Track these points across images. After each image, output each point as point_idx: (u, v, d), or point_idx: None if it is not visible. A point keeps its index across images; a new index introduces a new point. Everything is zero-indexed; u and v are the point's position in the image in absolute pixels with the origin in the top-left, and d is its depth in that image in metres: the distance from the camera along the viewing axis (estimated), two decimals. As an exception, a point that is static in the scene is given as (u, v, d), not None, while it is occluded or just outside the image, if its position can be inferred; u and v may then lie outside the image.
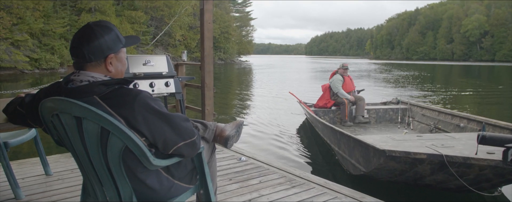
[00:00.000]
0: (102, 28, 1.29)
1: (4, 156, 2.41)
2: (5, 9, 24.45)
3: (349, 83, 6.98)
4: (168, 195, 1.46)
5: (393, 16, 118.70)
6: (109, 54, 1.31)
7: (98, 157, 1.32)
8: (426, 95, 13.63)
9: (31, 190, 2.59)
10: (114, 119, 1.22)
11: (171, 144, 1.33)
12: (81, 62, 1.29)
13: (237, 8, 71.06)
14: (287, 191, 2.63)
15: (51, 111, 1.31)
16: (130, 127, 1.23)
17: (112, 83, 1.26)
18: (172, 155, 1.42)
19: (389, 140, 3.69)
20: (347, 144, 4.15)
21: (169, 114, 1.31)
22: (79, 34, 1.29)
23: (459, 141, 3.60)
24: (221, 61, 55.57)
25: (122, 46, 1.36)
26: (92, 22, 1.31)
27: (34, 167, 3.07)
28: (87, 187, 1.50)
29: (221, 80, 22.16)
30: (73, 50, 1.30)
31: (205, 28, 3.52)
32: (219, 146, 3.77)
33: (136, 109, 1.22)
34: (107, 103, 1.22)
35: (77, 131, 1.28)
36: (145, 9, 38.83)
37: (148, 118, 1.24)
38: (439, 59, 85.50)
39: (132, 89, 1.26)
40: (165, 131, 1.29)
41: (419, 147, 3.28)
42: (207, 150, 1.77)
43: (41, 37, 27.66)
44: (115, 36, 1.33)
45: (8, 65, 24.24)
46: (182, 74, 4.14)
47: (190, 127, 1.40)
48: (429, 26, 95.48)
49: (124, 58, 1.40)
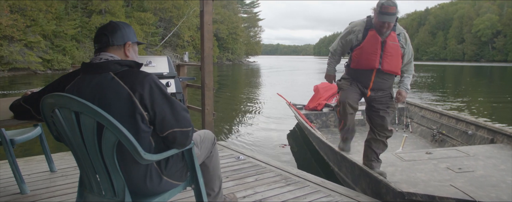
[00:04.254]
0: (123, 23, 1.58)
1: (11, 153, 2.52)
2: (20, 12, 24.98)
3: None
4: (158, 189, 1.55)
5: (402, 16, 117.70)
6: (128, 41, 1.55)
7: (94, 150, 1.42)
8: (435, 96, 13.54)
9: (36, 186, 2.71)
10: (106, 115, 1.32)
11: (168, 126, 1.45)
12: (104, 46, 1.51)
13: (245, 9, 71.29)
14: (282, 188, 2.70)
15: (52, 107, 1.42)
16: (139, 101, 1.38)
17: (126, 63, 1.47)
18: (163, 149, 1.52)
19: (397, 161, 3.38)
20: (351, 170, 3.52)
21: (173, 99, 1.47)
22: (104, 26, 1.55)
23: (477, 160, 3.33)
24: (229, 61, 55.80)
25: (136, 41, 1.60)
26: (113, 21, 1.58)
27: (40, 164, 3.20)
28: (84, 180, 1.59)
29: (228, 80, 22.28)
30: (97, 37, 1.52)
31: (205, 29, 3.62)
32: (218, 144, 3.86)
33: (146, 85, 1.39)
34: (121, 79, 1.40)
35: (75, 125, 1.39)
36: (154, 10, 39.23)
37: (154, 95, 1.40)
38: (450, 59, 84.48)
39: (142, 71, 1.47)
40: (165, 112, 1.43)
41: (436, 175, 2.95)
42: (207, 144, 1.87)
43: (53, 38, 28.15)
44: (133, 31, 1.60)
45: (21, 65, 24.76)
46: (183, 74, 4.23)
47: (188, 118, 1.51)
48: (439, 26, 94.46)
49: (137, 51, 1.63)
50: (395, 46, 2.74)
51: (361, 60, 2.79)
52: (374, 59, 2.73)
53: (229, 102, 12.05)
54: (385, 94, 2.90)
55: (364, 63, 2.79)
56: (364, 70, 2.83)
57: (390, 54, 2.74)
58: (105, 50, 1.50)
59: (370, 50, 2.73)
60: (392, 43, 2.72)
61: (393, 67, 2.78)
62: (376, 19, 2.65)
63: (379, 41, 2.71)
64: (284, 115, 8.88)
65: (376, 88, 2.87)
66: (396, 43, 2.75)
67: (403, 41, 2.82)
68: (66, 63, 27.97)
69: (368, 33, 2.74)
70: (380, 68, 2.75)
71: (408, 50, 2.87)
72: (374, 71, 2.80)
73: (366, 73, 2.83)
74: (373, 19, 2.75)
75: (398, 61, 2.80)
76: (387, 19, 2.57)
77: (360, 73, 2.86)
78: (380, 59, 2.73)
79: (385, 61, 2.74)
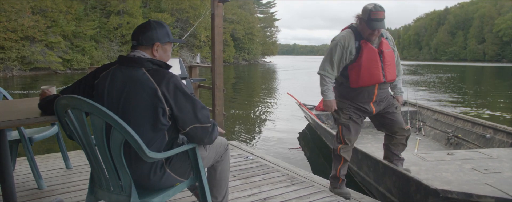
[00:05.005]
0: (157, 24, 1.70)
1: (29, 150, 2.66)
2: (41, 13, 25.75)
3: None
4: (161, 182, 1.64)
5: (421, 16, 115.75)
6: (156, 42, 1.67)
7: (103, 149, 1.52)
8: (454, 97, 13.32)
9: (52, 182, 2.85)
10: (114, 115, 1.42)
11: (189, 122, 1.60)
12: (137, 44, 1.67)
13: (261, 9, 71.36)
14: (287, 188, 2.76)
15: (65, 107, 1.53)
16: (163, 97, 1.53)
17: (157, 63, 1.63)
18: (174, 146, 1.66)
19: (419, 161, 3.29)
20: (374, 168, 3.41)
21: (194, 98, 1.62)
22: (140, 25, 1.70)
23: (501, 162, 3.21)
24: (245, 62, 55.99)
25: (168, 41, 1.72)
26: (152, 20, 1.71)
27: (57, 161, 3.35)
28: (94, 176, 1.70)
29: (244, 80, 22.41)
30: (133, 35, 1.69)
31: (216, 32, 3.71)
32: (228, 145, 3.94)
33: (171, 84, 1.55)
34: (151, 75, 1.56)
35: (86, 125, 1.51)
36: (171, 11, 39.73)
37: (177, 94, 1.56)
38: (470, 59, 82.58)
39: (169, 72, 1.64)
40: (187, 110, 1.58)
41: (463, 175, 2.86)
42: (218, 149, 1.94)
43: (73, 39, 28.89)
44: (165, 32, 1.71)
45: (42, 65, 25.53)
46: (195, 75, 4.34)
47: (208, 115, 1.66)
48: (459, 25, 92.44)
49: (169, 50, 1.76)
50: (390, 53, 2.57)
51: (363, 76, 2.52)
52: (378, 73, 2.51)
53: (243, 102, 12.15)
54: (387, 100, 2.71)
55: (367, 79, 2.52)
56: (366, 86, 2.56)
57: (390, 63, 2.56)
58: (137, 48, 1.67)
59: (371, 65, 2.50)
60: (388, 51, 2.55)
61: (393, 76, 2.62)
62: (364, 27, 2.44)
63: (376, 52, 2.50)
64: (295, 116, 8.92)
65: (378, 100, 2.64)
66: (390, 49, 2.58)
67: (392, 44, 2.66)
68: (85, 63, 28.64)
69: (361, 46, 2.50)
70: (385, 80, 2.55)
71: (396, 51, 2.71)
72: (377, 86, 2.57)
73: (368, 89, 2.57)
74: (358, 27, 2.53)
75: (395, 68, 2.65)
76: (380, 26, 2.39)
77: (361, 91, 2.59)
78: (383, 71, 2.52)
79: (387, 72, 2.54)
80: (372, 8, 2.36)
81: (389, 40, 2.64)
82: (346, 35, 2.53)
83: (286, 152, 5.74)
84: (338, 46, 2.51)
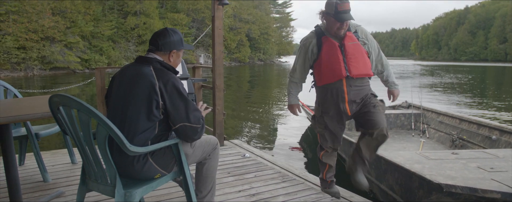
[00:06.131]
0: (174, 31, 1.93)
1: (35, 145, 2.85)
2: (60, 14, 26.50)
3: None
4: (143, 171, 1.77)
5: (440, 15, 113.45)
6: (173, 49, 1.91)
7: (90, 142, 1.67)
8: (473, 99, 13.11)
9: (57, 175, 3.04)
10: (97, 112, 1.56)
11: (179, 119, 1.77)
12: (155, 49, 1.89)
13: (277, 9, 71.33)
14: (277, 185, 2.87)
15: (57, 105, 1.69)
16: (159, 91, 1.73)
17: (165, 65, 1.86)
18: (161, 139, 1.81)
19: (422, 159, 3.20)
20: (376, 165, 3.34)
21: (188, 99, 1.80)
22: (158, 32, 1.92)
23: (507, 161, 3.11)
24: (261, 61, 56.12)
25: (182, 48, 1.95)
26: (169, 28, 1.94)
27: (64, 157, 3.54)
28: (85, 168, 1.85)
29: (259, 79, 22.53)
30: (152, 40, 1.90)
31: (216, 34, 3.84)
32: (228, 144, 4.05)
33: (169, 83, 1.76)
34: (155, 73, 1.77)
35: (74, 120, 1.67)
36: (187, 11, 40.23)
37: (173, 92, 1.76)
38: (491, 60, 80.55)
39: (173, 74, 1.85)
40: (180, 108, 1.76)
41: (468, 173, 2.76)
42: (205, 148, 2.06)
43: (91, 39, 29.61)
44: (179, 39, 1.93)
45: (61, 65, 26.27)
46: (198, 76, 4.48)
47: (199, 117, 1.82)
48: (479, 25, 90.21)
49: (181, 55, 1.98)
50: (355, 46, 2.42)
51: (325, 73, 2.43)
52: (339, 67, 2.38)
53: (253, 102, 12.27)
54: (366, 98, 2.49)
55: (329, 75, 2.42)
56: (332, 83, 2.43)
57: (354, 56, 2.40)
58: (154, 52, 1.89)
59: (331, 59, 2.40)
60: (351, 43, 2.41)
61: (362, 70, 2.41)
62: (332, 22, 2.35)
63: (336, 46, 2.39)
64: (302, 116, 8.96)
65: (353, 99, 2.45)
66: (356, 42, 2.43)
67: (363, 36, 2.51)
68: (103, 63, 29.30)
69: (322, 41, 2.43)
70: (349, 75, 2.38)
71: (372, 44, 2.54)
72: (344, 81, 2.41)
73: (335, 85, 2.42)
74: (323, 26, 2.48)
75: (364, 61, 2.44)
76: (348, 18, 2.31)
77: (330, 89, 2.45)
78: (345, 65, 2.38)
79: (351, 65, 2.39)
80: (337, 1, 2.29)
81: (359, 33, 2.50)
82: (308, 36, 2.52)
83: (287, 151, 5.83)
84: (302, 48, 2.52)
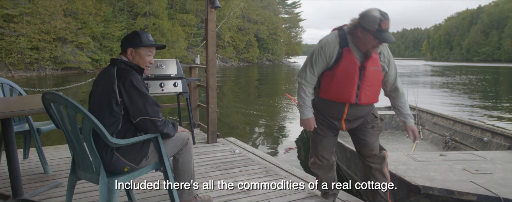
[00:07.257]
0: (133, 33, 2.09)
1: (37, 140, 3.08)
2: (72, 15, 27.08)
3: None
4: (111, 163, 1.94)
5: (452, 15, 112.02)
6: (129, 47, 2.06)
7: (77, 135, 1.88)
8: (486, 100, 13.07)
9: (58, 168, 3.26)
10: (82, 108, 1.77)
11: (138, 113, 1.94)
12: (122, 50, 2.10)
13: (286, 9, 71.38)
14: (259, 179, 3.05)
15: (49, 101, 1.90)
16: (118, 89, 1.90)
17: (129, 64, 2.03)
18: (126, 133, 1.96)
19: (410, 160, 3.21)
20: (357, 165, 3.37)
21: (147, 95, 1.96)
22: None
23: (494, 163, 3.13)
24: (269, 62, 56.27)
25: (142, 46, 2.06)
26: (136, 30, 2.13)
27: (64, 151, 3.79)
28: (75, 158, 2.05)
29: (268, 79, 22.69)
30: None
31: (209, 35, 4.04)
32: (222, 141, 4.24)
33: (128, 81, 1.92)
34: (117, 72, 1.94)
35: (64, 116, 1.87)
36: (195, 12, 40.59)
37: (131, 89, 1.93)
38: (504, 60, 79.24)
39: (135, 72, 2.00)
40: (138, 103, 1.93)
41: (452, 175, 2.78)
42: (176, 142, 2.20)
43: (102, 39, 30.17)
44: (138, 39, 2.05)
45: (73, 65, 26.84)
46: (194, 75, 4.69)
47: (157, 111, 1.99)
48: (493, 25, 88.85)
49: (143, 54, 2.07)
50: (375, 73, 2.12)
51: (333, 91, 2.16)
52: (349, 93, 2.12)
53: (256, 102, 12.44)
54: (364, 118, 2.30)
55: (337, 94, 2.16)
56: (334, 102, 2.20)
57: (370, 84, 2.12)
58: (121, 54, 2.09)
59: (345, 79, 2.10)
60: (373, 69, 2.10)
61: (371, 99, 2.18)
62: (369, 39, 2.00)
63: (356, 67, 2.07)
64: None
65: (352, 119, 2.26)
66: (378, 68, 2.13)
67: (385, 61, 2.19)
68: (113, 63, 29.77)
69: (343, 54, 2.09)
70: (357, 102, 2.15)
71: (392, 72, 2.22)
72: (347, 104, 2.18)
73: (336, 105, 2.21)
74: (348, 32, 2.11)
75: (378, 89, 2.20)
76: (390, 40, 1.97)
77: (331, 104, 2.23)
78: (358, 91, 2.11)
79: (363, 93, 2.12)
80: (381, 17, 1.95)
81: (382, 57, 2.19)
82: (329, 39, 2.15)
83: (284, 149, 5.99)
84: (320, 51, 2.16)
